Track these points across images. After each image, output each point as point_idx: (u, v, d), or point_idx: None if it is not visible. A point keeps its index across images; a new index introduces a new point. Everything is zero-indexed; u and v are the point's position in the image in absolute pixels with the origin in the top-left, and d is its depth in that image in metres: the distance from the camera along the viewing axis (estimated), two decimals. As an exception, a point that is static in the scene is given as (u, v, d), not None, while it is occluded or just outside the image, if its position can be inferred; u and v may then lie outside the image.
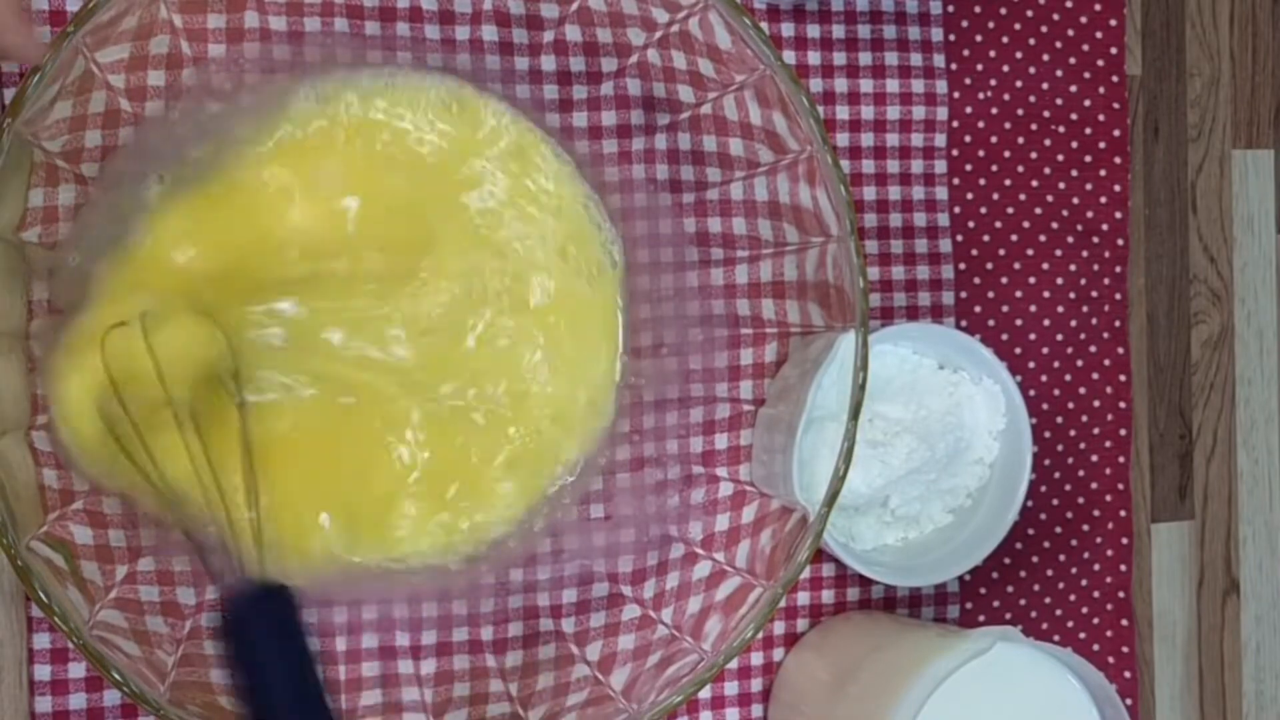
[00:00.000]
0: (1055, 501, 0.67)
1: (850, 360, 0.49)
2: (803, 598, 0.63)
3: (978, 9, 0.66)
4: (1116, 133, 0.68)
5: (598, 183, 0.57)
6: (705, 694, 0.61)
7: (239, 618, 0.45)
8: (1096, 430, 0.68)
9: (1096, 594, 0.67)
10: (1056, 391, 0.67)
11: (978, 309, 0.66)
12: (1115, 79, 0.68)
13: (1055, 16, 0.67)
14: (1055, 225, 0.67)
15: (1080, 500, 0.67)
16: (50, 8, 0.55)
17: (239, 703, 0.45)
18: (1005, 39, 0.67)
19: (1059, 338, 0.67)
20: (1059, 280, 0.67)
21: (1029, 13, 0.67)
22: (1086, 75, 0.68)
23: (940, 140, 0.66)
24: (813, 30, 0.64)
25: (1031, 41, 0.67)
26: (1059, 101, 0.67)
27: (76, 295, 0.51)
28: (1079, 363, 0.67)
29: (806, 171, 0.51)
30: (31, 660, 0.54)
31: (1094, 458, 0.68)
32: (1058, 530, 0.67)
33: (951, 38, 0.66)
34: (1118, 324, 0.68)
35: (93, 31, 0.46)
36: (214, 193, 0.52)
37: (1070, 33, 0.68)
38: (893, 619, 0.63)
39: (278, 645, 0.45)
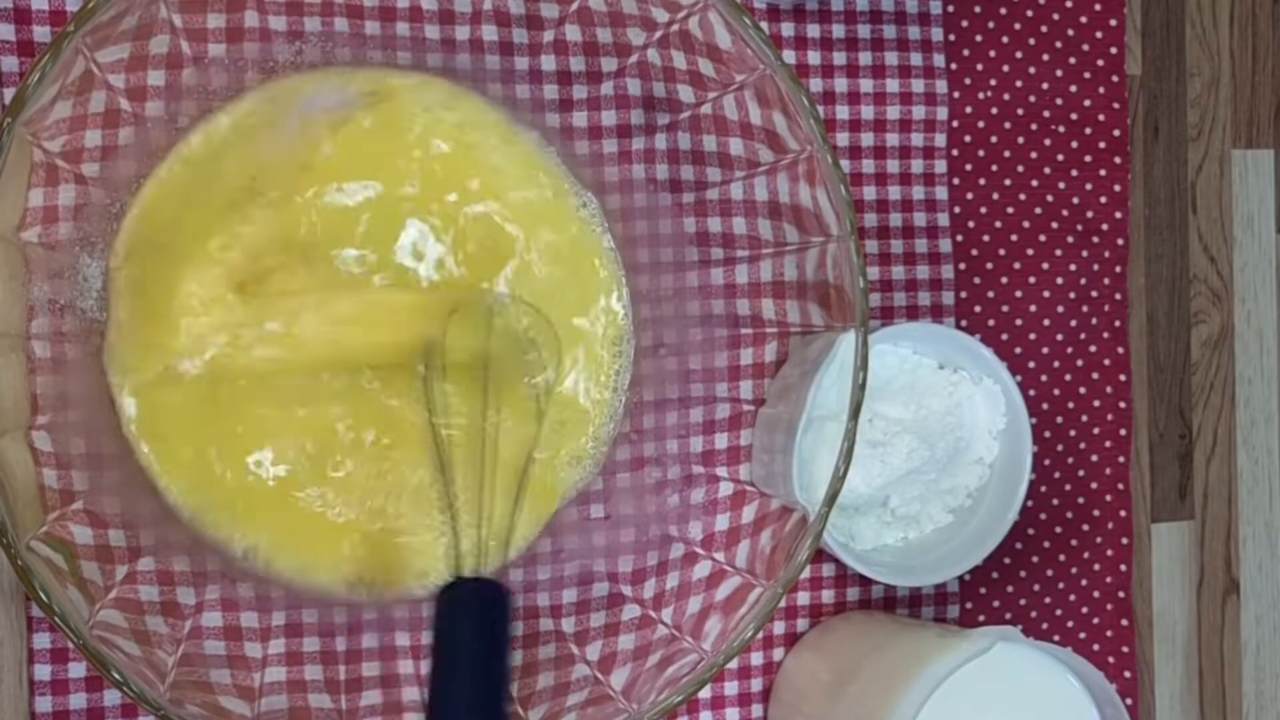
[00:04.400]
0: (1055, 501, 0.67)
1: (850, 360, 0.49)
2: (803, 598, 0.63)
3: (978, 9, 0.66)
4: (1116, 133, 0.68)
5: (598, 183, 0.57)
6: (705, 694, 0.61)
7: (449, 605, 0.49)
8: (1096, 430, 0.68)
9: (1096, 594, 0.67)
10: (1056, 391, 0.67)
11: (978, 309, 0.66)
12: (1115, 79, 0.68)
13: (1055, 16, 0.67)
14: (1055, 225, 0.67)
15: (1080, 500, 0.67)
16: (50, 8, 0.55)
17: (427, 686, 0.48)
18: (1005, 39, 0.67)
19: (1059, 338, 0.67)
20: (1059, 280, 0.67)
21: (1029, 13, 0.67)
22: (1086, 75, 0.68)
23: (940, 140, 0.66)
24: (813, 30, 0.64)
25: (1031, 41, 0.67)
26: (1059, 101, 0.67)
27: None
28: (1079, 363, 0.67)
29: (806, 171, 0.51)
30: (31, 660, 0.54)
31: (1094, 458, 0.68)
32: (1058, 530, 0.67)
33: (951, 38, 0.66)
34: (1118, 324, 0.68)
35: (93, 31, 0.46)
36: None
37: (1070, 33, 0.68)
38: (893, 619, 0.63)
39: (473, 638, 0.48)
